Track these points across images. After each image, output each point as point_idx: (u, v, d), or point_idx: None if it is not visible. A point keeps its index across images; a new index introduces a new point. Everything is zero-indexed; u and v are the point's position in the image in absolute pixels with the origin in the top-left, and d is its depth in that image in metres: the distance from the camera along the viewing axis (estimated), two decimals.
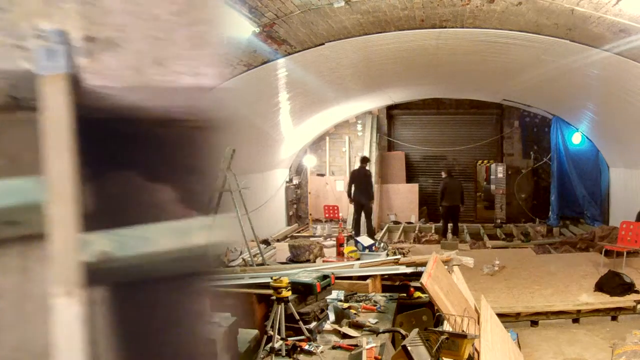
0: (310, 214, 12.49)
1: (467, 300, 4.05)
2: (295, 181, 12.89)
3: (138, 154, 1.11)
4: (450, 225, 10.69)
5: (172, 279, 1.08)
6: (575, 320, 5.86)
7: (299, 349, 3.20)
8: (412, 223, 11.98)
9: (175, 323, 1.13)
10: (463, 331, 2.90)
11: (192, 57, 0.99)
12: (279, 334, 3.16)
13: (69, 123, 0.97)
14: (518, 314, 5.87)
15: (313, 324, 3.44)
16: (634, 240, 7.22)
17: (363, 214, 10.15)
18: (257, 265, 6.51)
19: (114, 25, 0.97)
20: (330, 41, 6.29)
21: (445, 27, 6.06)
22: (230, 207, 6.70)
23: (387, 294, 4.35)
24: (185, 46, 0.98)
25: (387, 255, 5.53)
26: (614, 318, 5.89)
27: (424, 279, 3.47)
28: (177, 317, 1.13)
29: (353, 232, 9.69)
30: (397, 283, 4.68)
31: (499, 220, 11.95)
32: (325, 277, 3.77)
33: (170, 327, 1.13)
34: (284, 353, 3.14)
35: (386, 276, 4.72)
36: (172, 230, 0.98)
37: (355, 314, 3.82)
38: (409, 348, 2.45)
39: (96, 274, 0.98)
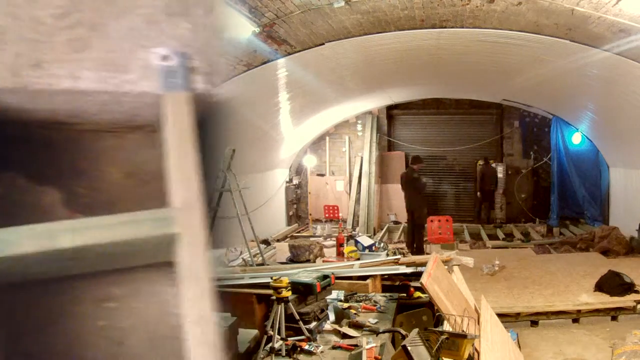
0: (310, 214, 12.49)
1: (467, 300, 4.05)
2: (295, 181, 12.89)
3: (21, 155, 1.11)
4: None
5: (39, 282, 1.08)
6: (575, 320, 5.86)
7: (299, 349, 3.20)
8: None
9: (45, 326, 1.12)
10: (463, 331, 2.90)
11: (72, 60, 0.99)
12: (279, 334, 3.16)
13: None
14: (518, 314, 5.87)
15: (313, 324, 3.44)
16: None
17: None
18: (257, 265, 6.52)
19: None
20: (330, 41, 6.29)
21: (445, 27, 6.06)
22: (230, 207, 6.71)
23: (387, 294, 4.35)
24: (65, 49, 0.98)
25: (387, 255, 5.54)
26: (614, 318, 5.88)
27: (424, 279, 3.47)
28: (48, 320, 1.12)
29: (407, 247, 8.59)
30: (397, 283, 4.68)
31: (499, 220, 11.94)
32: (325, 277, 3.77)
33: (40, 329, 1.12)
34: (284, 353, 3.14)
35: (386, 276, 4.72)
36: (38, 233, 0.95)
37: (355, 314, 3.82)
38: (409, 348, 2.45)
39: None
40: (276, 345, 3.12)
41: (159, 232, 0.96)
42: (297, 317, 3.31)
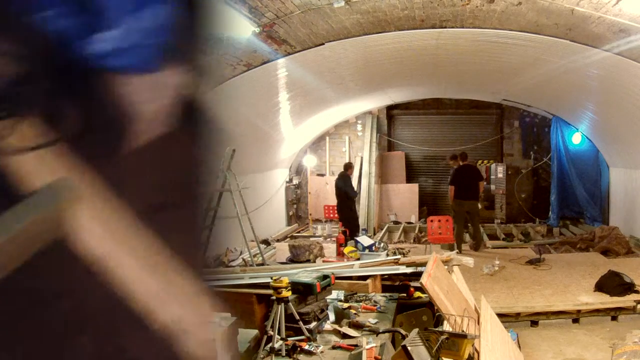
0: (310, 214, 12.48)
1: (467, 300, 4.05)
2: (295, 181, 12.89)
3: None
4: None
5: None
6: (575, 321, 5.86)
7: (299, 349, 3.20)
8: (412, 223, 11.98)
9: None
10: (463, 331, 2.90)
11: None
12: (279, 334, 3.16)
13: None
14: (518, 314, 5.87)
15: (313, 324, 3.44)
16: None
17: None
18: (257, 265, 6.52)
19: None
20: (330, 41, 6.29)
21: (445, 27, 6.06)
22: (230, 207, 6.71)
23: (387, 294, 4.35)
24: None
25: (387, 255, 5.54)
26: (614, 318, 5.88)
27: (423, 279, 3.47)
28: None
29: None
30: (397, 283, 4.68)
31: (499, 220, 11.94)
32: (325, 277, 3.77)
33: None
34: (284, 353, 3.14)
35: (386, 276, 4.73)
36: None
37: (355, 314, 3.82)
38: (409, 348, 2.45)
39: None
40: (276, 345, 3.12)
41: None
42: (297, 317, 3.31)
